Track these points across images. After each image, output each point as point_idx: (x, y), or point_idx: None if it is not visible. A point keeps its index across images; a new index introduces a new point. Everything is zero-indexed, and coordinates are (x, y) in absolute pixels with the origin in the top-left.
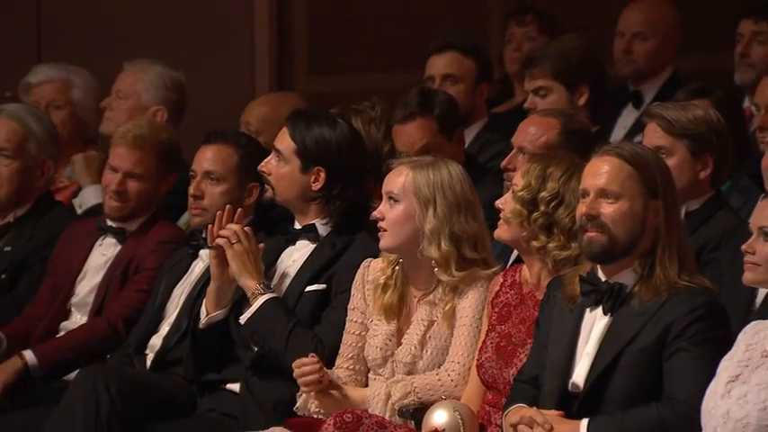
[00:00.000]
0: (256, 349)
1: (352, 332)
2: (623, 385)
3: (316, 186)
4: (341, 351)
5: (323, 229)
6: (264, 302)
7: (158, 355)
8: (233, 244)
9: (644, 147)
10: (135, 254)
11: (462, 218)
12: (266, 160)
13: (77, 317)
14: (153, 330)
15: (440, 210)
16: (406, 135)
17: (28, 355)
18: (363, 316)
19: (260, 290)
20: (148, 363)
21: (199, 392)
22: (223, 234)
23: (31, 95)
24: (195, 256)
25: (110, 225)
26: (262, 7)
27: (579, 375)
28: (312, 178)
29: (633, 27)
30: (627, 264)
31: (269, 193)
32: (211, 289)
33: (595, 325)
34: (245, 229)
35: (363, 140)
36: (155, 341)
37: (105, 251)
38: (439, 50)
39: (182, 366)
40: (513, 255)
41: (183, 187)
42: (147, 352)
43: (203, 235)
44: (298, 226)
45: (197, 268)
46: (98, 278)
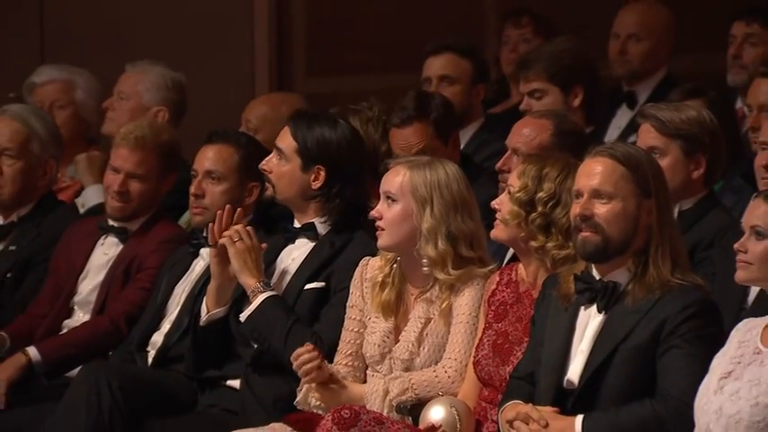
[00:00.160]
0: (256, 346)
1: (350, 329)
2: (617, 382)
3: (315, 185)
4: (339, 348)
5: (322, 228)
6: (264, 300)
7: (160, 352)
8: (235, 242)
9: (636, 147)
10: (137, 253)
11: (459, 217)
12: (267, 159)
13: (80, 315)
14: (154, 328)
15: (437, 209)
16: (404, 139)
17: (32, 352)
18: (362, 313)
19: (260, 288)
20: (150, 359)
21: (199, 389)
22: (226, 235)
23: (35, 95)
24: (196, 255)
25: (111, 225)
26: (261, 9)
27: (574, 372)
28: (312, 177)
29: (628, 28)
30: (621, 262)
31: (269, 192)
32: (212, 287)
33: (590, 323)
34: (247, 228)
35: (363, 141)
36: (156, 338)
37: (107, 250)
38: (436, 52)
39: (183, 363)
40: (509, 254)
41: (184, 187)
42: (149, 349)
43: (204, 234)
44: (297, 224)
45: (198, 267)
46: (100, 277)
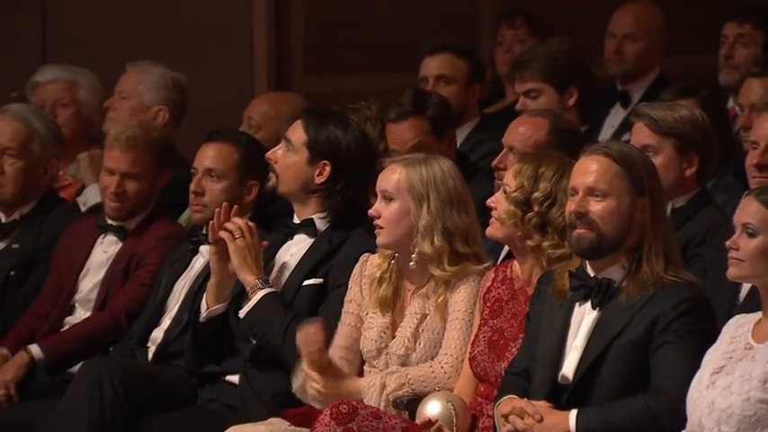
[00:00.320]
0: (254, 342)
1: (347, 323)
2: (611, 377)
3: (319, 180)
4: (335, 341)
5: (321, 224)
6: (263, 297)
7: (160, 348)
8: (236, 239)
9: (631, 146)
10: (136, 250)
11: (455, 213)
12: (274, 149)
13: (81, 312)
14: (155, 324)
15: (433, 206)
16: (399, 134)
17: (34, 350)
18: (359, 308)
19: (259, 284)
20: (150, 355)
21: (199, 384)
22: (228, 227)
23: (38, 94)
24: (195, 252)
25: (110, 224)
26: (260, 10)
27: (569, 368)
28: (317, 171)
29: (624, 28)
30: (615, 259)
31: (272, 182)
32: (212, 284)
33: (584, 319)
34: (249, 225)
35: (373, 145)
36: (156, 334)
37: (107, 249)
38: (432, 52)
39: (183, 358)
40: (504, 251)
41: (184, 185)
42: (149, 344)
43: (204, 231)
44: (296, 220)
45: (197, 263)
46: (100, 275)
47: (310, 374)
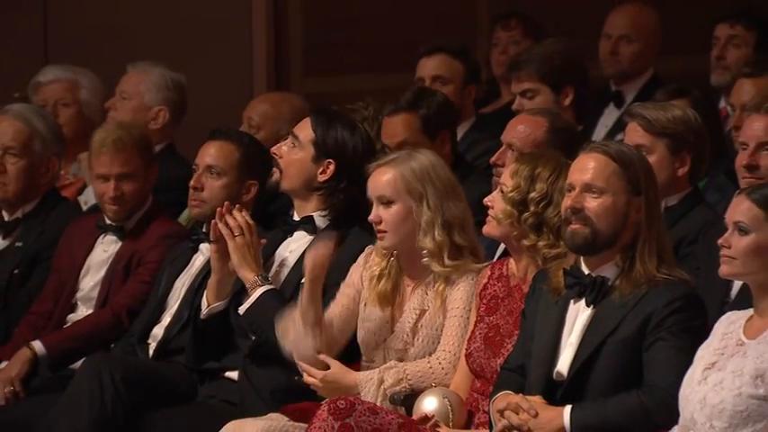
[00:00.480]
0: (253, 338)
1: (339, 303)
2: (605, 374)
3: (322, 177)
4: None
5: (321, 222)
6: (262, 294)
7: (160, 345)
8: (235, 236)
9: (629, 146)
10: (136, 248)
11: (451, 203)
12: (279, 144)
13: (83, 311)
14: (155, 321)
15: (432, 200)
16: (390, 128)
17: (37, 346)
18: (357, 294)
19: (258, 282)
20: (151, 351)
21: (199, 380)
22: (229, 222)
23: (41, 94)
24: (196, 250)
25: (109, 224)
26: (259, 11)
27: (563, 364)
28: (321, 169)
29: (619, 30)
30: (609, 257)
31: (275, 177)
32: (212, 281)
33: (579, 316)
34: (249, 223)
35: (376, 148)
36: (157, 331)
37: (107, 248)
38: (429, 53)
39: (183, 355)
40: (500, 249)
41: (183, 184)
42: (150, 341)
43: (204, 230)
44: (296, 217)
45: (197, 261)
46: (101, 274)
47: (307, 369)
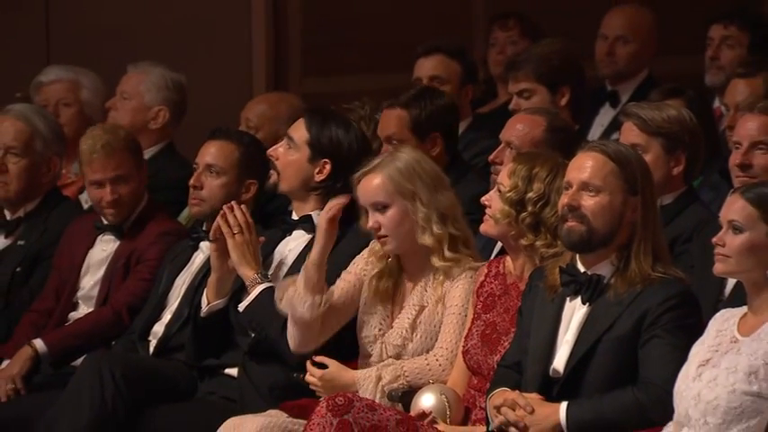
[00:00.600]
0: (253, 335)
1: (339, 287)
2: (601, 371)
3: (319, 177)
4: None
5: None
6: (262, 291)
7: (161, 342)
8: (234, 234)
9: (627, 146)
10: (135, 247)
11: (440, 194)
12: (275, 146)
13: (84, 309)
14: (156, 318)
15: (423, 196)
16: (383, 121)
17: (38, 344)
18: (358, 283)
19: (258, 279)
20: (151, 349)
21: (199, 377)
22: (230, 220)
23: (42, 94)
24: (196, 248)
25: (106, 224)
26: (258, 11)
27: (559, 361)
28: (317, 169)
29: (616, 30)
30: (604, 256)
31: (273, 179)
32: (212, 279)
33: (575, 314)
34: (248, 222)
35: (372, 148)
36: (157, 328)
37: (105, 247)
38: (426, 53)
39: (183, 352)
40: (497, 247)
41: (183, 184)
42: (150, 338)
43: (204, 228)
44: (295, 217)
45: (198, 259)
46: (101, 272)
47: (309, 369)
